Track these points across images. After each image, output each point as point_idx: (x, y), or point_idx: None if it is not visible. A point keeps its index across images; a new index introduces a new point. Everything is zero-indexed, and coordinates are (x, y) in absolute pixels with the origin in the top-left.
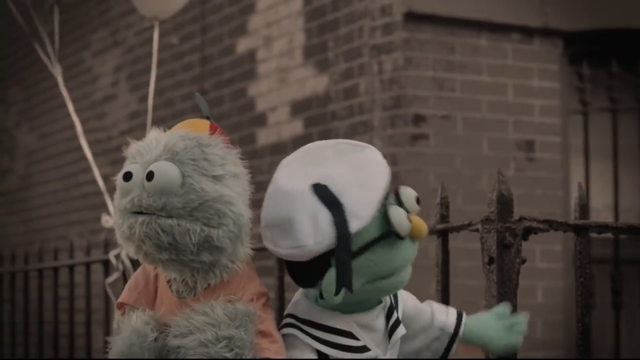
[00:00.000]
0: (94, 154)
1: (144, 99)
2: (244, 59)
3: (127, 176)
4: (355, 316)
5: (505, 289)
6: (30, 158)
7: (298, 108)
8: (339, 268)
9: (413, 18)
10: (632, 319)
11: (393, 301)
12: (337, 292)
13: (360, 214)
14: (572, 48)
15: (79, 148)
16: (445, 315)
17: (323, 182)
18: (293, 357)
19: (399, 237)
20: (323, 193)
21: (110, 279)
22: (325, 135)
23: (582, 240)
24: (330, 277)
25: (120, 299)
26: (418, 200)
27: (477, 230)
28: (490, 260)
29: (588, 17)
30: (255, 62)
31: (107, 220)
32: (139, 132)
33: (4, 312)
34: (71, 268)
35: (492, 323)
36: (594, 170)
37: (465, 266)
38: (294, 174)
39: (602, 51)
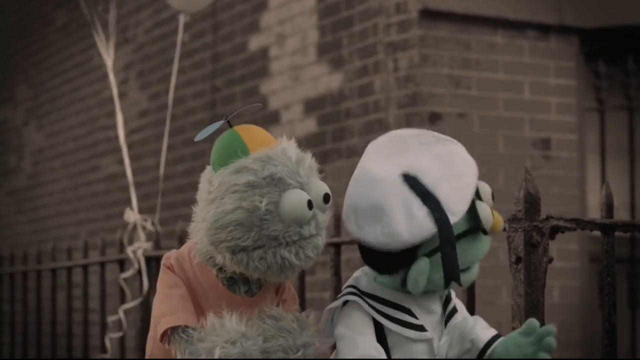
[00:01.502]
0: (103, 153)
1: (154, 97)
2: (256, 56)
3: (311, 204)
4: (416, 297)
5: (533, 289)
6: (38, 156)
7: (312, 106)
8: (446, 263)
9: (429, 15)
10: (619, 318)
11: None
12: (446, 286)
13: (455, 210)
14: (589, 45)
15: (88, 146)
16: (482, 332)
17: (412, 173)
18: (350, 325)
19: (484, 232)
20: (415, 184)
21: (126, 274)
22: (340, 133)
23: (609, 239)
24: (418, 269)
25: (167, 326)
26: (493, 196)
27: (503, 229)
28: (518, 260)
29: (604, 14)
30: (268, 60)
31: (129, 215)
32: (148, 130)
33: (15, 312)
34: (85, 267)
35: (519, 343)
36: (610, 169)
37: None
38: (382, 161)
39: (618, 48)
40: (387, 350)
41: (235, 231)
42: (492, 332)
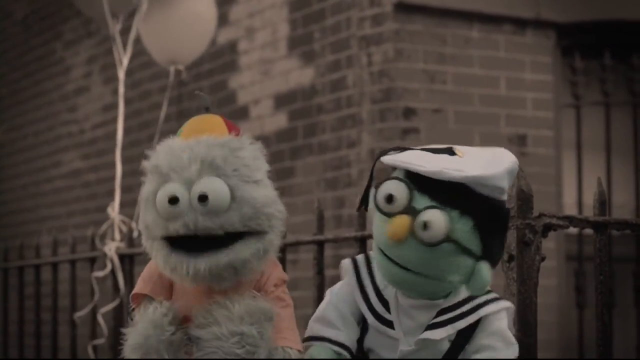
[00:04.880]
0: (66, 148)
1: (118, 90)
2: (224, 50)
3: (174, 200)
4: (399, 293)
5: (525, 287)
6: None
7: (282, 101)
8: None
9: (403, 9)
10: (624, 318)
11: (462, 316)
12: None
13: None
14: (565, 40)
15: (49, 141)
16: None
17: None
18: (340, 286)
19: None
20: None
21: (99, 273)
22: (311, 129)
23: (602, 237)
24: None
25: (135, 290)
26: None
27: None
28: (510, 258)
29: (581, 8)
30: (237, 54)
31: (111, 212)
32: (112, 125)
33: None
34: (55, 265)
35: None
36: (586, 165)
37: None
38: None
39: (595, 43)
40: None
41: (138, 218)
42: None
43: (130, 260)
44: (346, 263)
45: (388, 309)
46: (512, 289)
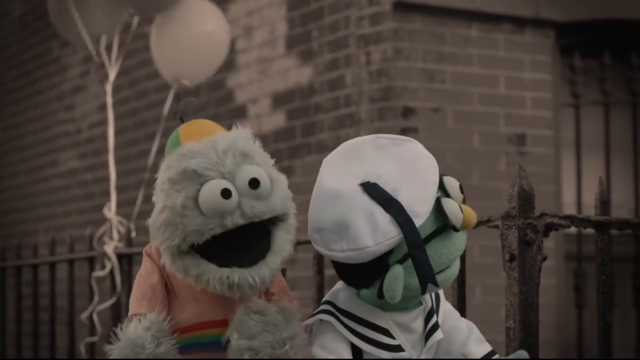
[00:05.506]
0: (62, 147)
1: (115, 90)
2: None
3: (227, 193)
4: (394, 314)
5: (527, 287)
6: None
7: (280, 100)
8: (418, 266)
9: (402, 7)
10: (624, 318)
11: (434, 305)
12: (423, 290)
13: (419, 211)
14: (565, 39)
15: (46, 140)
16: (476, 346)
17: (372, 181)
18: (325, 344)
19: (455, 229)
20: (375, 192)
21: (100, 272)
22: (309, 128)
23: (603, 237)
24: (392, 276)
25: (131, 312)
26: (462, 189)
27: (496, 226)
28: (512, 258)
29: (580, 7)
30: (235, 52)
31: (107, 212)
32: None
33: None
34: (52, 265)
35: None
36: (586, 165)
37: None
38: (338, 174)
39: (594, 42)
40: None
41: (166, 232)
42: (486, 347)
43: (129, 260)
44: (328, 320)
45: (388, 336)
46: (514, 289)
